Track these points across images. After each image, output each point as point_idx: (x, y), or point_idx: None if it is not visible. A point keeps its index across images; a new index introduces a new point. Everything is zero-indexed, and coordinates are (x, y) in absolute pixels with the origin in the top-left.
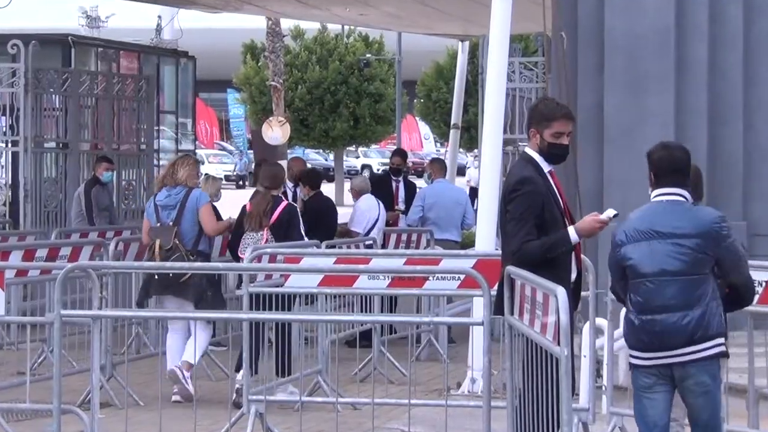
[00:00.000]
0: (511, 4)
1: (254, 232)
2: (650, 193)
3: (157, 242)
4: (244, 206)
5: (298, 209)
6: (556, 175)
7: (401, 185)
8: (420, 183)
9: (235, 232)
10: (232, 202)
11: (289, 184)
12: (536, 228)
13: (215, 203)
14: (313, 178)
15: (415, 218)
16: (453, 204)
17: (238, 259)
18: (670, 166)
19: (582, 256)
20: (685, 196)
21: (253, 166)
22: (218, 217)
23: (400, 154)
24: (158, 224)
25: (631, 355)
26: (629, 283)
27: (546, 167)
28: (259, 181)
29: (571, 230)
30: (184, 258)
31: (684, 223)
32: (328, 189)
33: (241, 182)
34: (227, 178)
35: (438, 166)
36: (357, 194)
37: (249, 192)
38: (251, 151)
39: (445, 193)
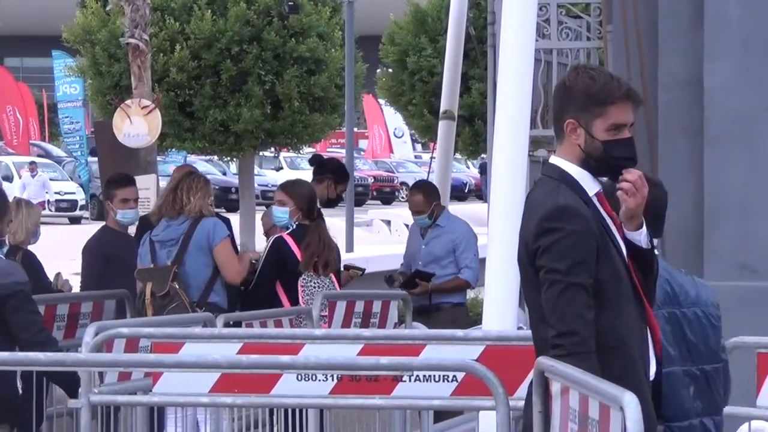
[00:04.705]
0: None
1: (317, 276)
2: None
3: (148, 287)
4: (278, 239)
5: None
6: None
7: None
8: (386, 213)
9: (267, 276)
10: (65, 245)
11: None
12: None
13: (31, 246)
14: None
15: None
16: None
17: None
18: None
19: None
20: None
21: (100, 185)
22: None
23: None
24: (151, 265)
25: None
26: None
27: (593, 187)
28: (302, 203)
29: None
30: (186, 308)
31: None
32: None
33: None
34: (58, 204)
35: (432, 193)
36: (269, 231)
37: (90, 228)
38: (93, 158)
39: (472, 235)
